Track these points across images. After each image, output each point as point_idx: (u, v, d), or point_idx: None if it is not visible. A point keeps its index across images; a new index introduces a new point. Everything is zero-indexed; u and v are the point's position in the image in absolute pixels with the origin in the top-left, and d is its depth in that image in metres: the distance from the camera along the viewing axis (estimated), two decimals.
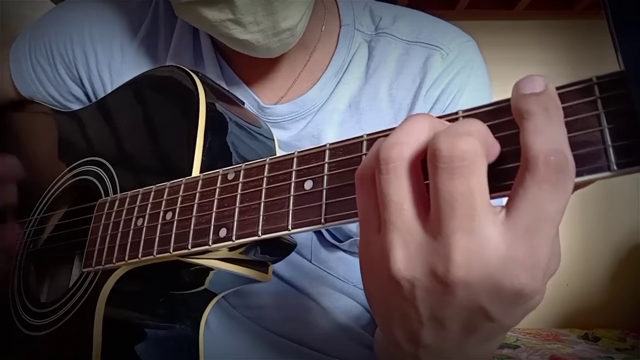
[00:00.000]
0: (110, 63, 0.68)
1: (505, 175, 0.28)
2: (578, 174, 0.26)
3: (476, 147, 0.25)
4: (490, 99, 0.67)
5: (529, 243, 0.26)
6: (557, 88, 0.27)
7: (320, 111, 0.63)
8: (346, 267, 0.65)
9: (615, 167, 0.25)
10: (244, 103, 0.58)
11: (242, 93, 0.64)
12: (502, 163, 0.28)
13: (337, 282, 0.65)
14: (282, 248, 0.49)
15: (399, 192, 0.28)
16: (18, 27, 1.63)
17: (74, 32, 0.69)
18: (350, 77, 0.64)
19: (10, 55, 0.72)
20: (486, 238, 0.26)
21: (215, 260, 0.44)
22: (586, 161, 0.26)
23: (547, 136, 0.25)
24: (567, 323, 2.17)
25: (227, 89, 0.57)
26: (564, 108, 0.26)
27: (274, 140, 0.57)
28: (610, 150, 0.25)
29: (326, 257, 0.64)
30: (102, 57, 0.68)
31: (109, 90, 0.67)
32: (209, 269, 0.46)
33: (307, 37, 0.61)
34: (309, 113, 0.63)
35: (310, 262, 0.63)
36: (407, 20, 0.66)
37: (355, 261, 0.65)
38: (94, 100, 0.70)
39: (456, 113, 0.31)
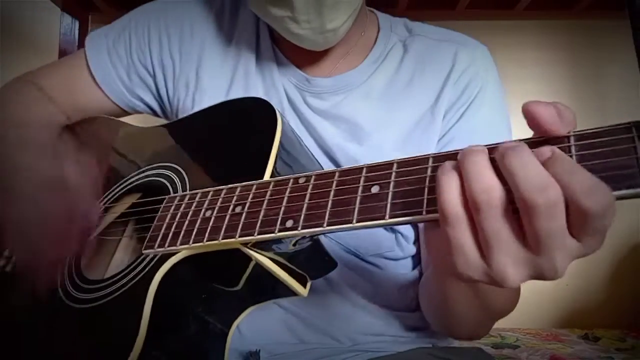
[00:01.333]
0: (181, 44, 0.80)
1: None
2: (618, 188, 0.31)
3: (558, 190, 0.32)
4: (505, 95, 0.78)
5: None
6: (604, 127, 0.33)
7: (359, 88, 0.74)
8: (357, 239, 0.71)
9: None
10: (302, 142, 0.65)
11: (291, 71, 0.75)
12: None
13: (346, 255, 0.71)
14: (325, 263, 0.53)
15: (506, 225, 0.33)
16: (18, 27, 1.62)
17: (152, 23, 0.81)
18: (388, 64, 0.76)
19: (87, 43, 0.83)
20: (573, 246, 0.33)
21: (267, 258, 0.48)
22: (625, 179, 0.31)
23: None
24: (567, 323, 2.17)
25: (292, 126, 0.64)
26: (609, 140, 0.33)
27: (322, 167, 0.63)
28: None
29: None
30: (174, 39, 0.80)
31: (178, 67, 0.79)
32: (257, 269, 0.49)
33: (349, 37, 0.72)
34: (348, 89, 0.74)
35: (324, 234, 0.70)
36: (436, 29, 0.80)
37: (363, 232, 0.70)
38: (160, 80, 0.81)
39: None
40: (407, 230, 0.74)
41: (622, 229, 2.12)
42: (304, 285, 0.52)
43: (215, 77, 0.77)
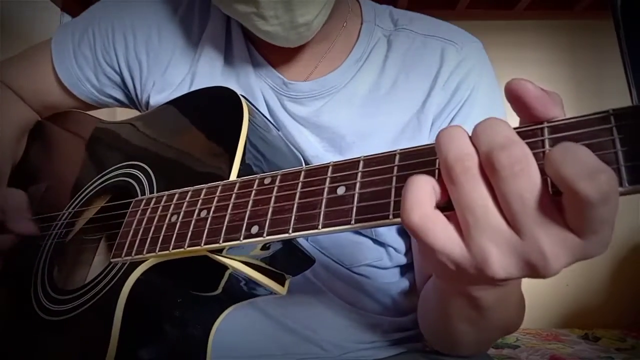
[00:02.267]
0: (148, 44, 0.75)
1: None
2: None
3: (527, 150, 0.29)
4: (501, 93, 0.69)
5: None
6: (579, 116, 0.30)
7: (340, 93, 0.68)
8: (342, 250, 0.69)
9: (627, 184, 0.28)
10: (279, 129, 0.63)
11: (267, 73, 0.70)
12: None
13: (332, 263, 0.69)
14: (302, 262, 0.51)
15: (483, 195, 0.30)
16: (18, 27, 1.63)
17: (116, 20, 0.76)
18: (370, 66, 0.69)
19: (52, 44, 0.79)
20: (562, 229, 0.30)
21: (238, 262, 0.46)
22: None
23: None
24: (567, 323, 2.17)
25: (265, 115, 0.61)
26: (585, 132, 0.30)
27: (302, 161, 0.60)
28: (623, 169, 0.28)
29: (322, 237, 0.68)
30: (140, 39, 0.75)
31: (145, 69, 0.74)
32: (231, 272, 0.47)
33: (328, 31, 0.67)
34: (329, 93, 0.69)
35: (306, 240, 0.67)
36: (422, 20, 0.73)
37: (348, 244, 0.69)
38: (128, 81, 0.77)
39: None
40: (398, 242, 0.70)
41: (622, 229, 2.12)
42: (282, 284, 0.51)
43: (180, 79, 0.73)
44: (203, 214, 0.44)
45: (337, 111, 0.68)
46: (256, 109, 0.57)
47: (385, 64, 0.69)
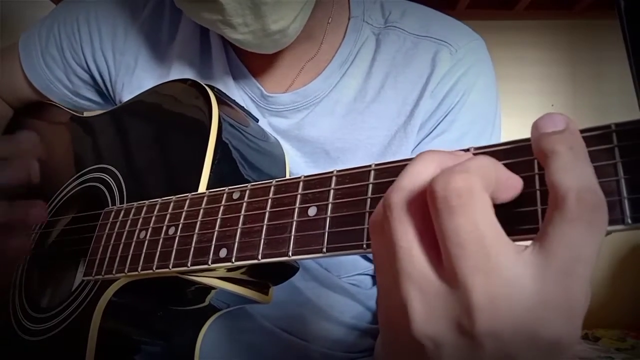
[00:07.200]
0: (114, 42, 0.70)
1: (524, 218, 0.26)
2: None
3: (471, 182, 0.24)
4: (497, 100, 0.65)
5: (564, 286, 0.24)
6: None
7: (322, 102, 0.63)
8: (330, 259, 0.65)
9: (629, 221, 0.23)
10: (257, 120, 0.58)
11: (246, 82, 0.65)
12: (521, 205, 0.26)
13: (320, 272, 0.65)
14: (285, 271, 0.49)
15: (406, 236, 0.26)
16: (18, 27, 1.62)
17: (81, 15, 0.71)
18: (356, 70, 0.63)
19: (19, 46, 0.74)
20: (510, 277, 0.24)
21: (215, 279, 0.44)
22: None
23: (577, 174, 0.23)
24: None
25: (241, 105, 0.57)
26: None
27: (284, 157, 0.57)
28: (626, 202, 0.23)
29: None
30: (105, 36, 0.70)
31: (113, 70, 0.70)
32: (209, 287, 0.45)
33: (313, 29, 0.61)
34: (311, 104, 0.63)
35: None
36: (416, 15, 0.65)
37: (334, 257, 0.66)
38: (99, 81, 0.73)
39: (468, 149, 0.29)
40: None
41: None
42: (266, 294, 0.49)
43: (151, 83, 0.66)
44: (171, 231, 0.43)
45: (319, 123, 0.63)
46: (229, 99, 0.54)
47: (372, 66, 0.63)
